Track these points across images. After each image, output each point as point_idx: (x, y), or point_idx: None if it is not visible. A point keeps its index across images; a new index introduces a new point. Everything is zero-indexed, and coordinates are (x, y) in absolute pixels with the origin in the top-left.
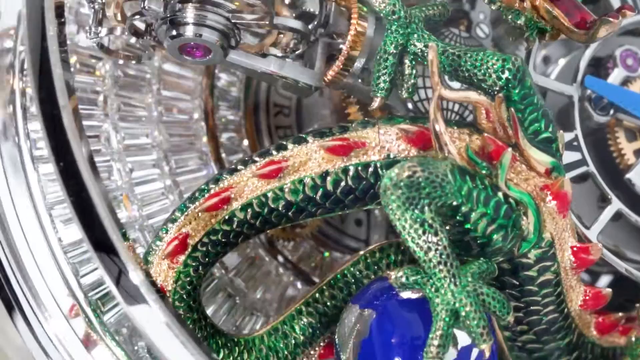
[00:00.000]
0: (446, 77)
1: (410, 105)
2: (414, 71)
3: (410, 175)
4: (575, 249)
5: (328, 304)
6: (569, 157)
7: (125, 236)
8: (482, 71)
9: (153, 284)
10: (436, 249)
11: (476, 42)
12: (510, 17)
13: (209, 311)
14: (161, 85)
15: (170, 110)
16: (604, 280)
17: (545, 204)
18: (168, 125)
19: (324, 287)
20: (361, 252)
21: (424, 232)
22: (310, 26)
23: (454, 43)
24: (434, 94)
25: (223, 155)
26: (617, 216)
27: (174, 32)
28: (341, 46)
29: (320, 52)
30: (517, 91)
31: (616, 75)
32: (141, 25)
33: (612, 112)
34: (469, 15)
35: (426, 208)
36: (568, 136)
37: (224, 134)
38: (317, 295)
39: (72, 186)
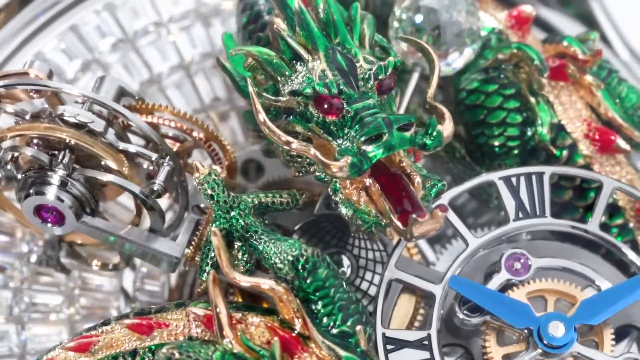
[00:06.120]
0: None
1: None
2: (246, 256)
3: (169, 358)
4: None
5: None
6: (418, 355)
7: None
8: (280, 260)
9: None
10: None
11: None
12: (339, 208)
13: None
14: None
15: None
16: None
17: None
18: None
19: None
20: None
21: None
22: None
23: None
24: (211, 279)
25: None
26: None
27: (34, 190)
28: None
29: (186, 225)
30: (308, 282)
31: (498, 278)
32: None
33: (483, 313)
34: None
35: None
36: (420, 334)
37: None
38: None
39: None
